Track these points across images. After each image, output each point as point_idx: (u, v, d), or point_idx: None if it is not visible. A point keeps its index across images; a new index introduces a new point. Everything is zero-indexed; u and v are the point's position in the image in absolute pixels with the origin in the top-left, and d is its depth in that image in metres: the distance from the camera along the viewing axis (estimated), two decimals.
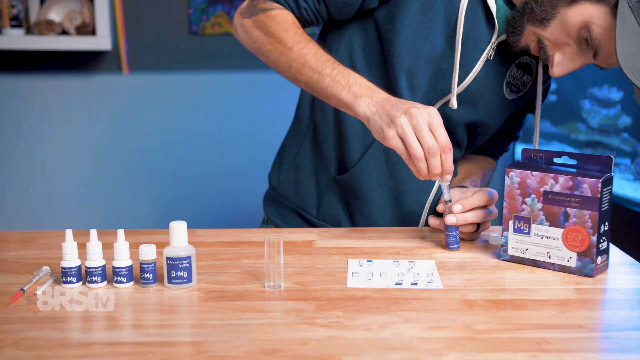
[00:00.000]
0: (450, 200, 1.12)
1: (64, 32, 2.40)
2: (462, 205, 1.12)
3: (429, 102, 1.24)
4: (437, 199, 1.30)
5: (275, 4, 1.24)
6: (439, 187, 1.29)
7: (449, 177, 1.06)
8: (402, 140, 1.04)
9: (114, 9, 2.46)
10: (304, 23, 1.27)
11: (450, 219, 1.11)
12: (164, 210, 2.62)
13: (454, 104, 1.21)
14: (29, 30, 2.41)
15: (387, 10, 1.21)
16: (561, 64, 1.13)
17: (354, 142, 1.27)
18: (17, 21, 2.36)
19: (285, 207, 1.38)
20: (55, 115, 2.54)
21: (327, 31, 1.32)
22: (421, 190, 1.29)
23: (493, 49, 1.21)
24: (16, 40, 2.33)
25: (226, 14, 2.54)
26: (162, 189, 2.63)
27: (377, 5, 1.22)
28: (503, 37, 1.20)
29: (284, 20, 1.22)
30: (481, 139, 1.35)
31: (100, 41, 2.36)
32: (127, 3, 2.49)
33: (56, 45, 2.34)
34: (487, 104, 1.26)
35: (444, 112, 1.25)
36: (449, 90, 1.22)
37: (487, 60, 1.22)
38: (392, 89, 1.22)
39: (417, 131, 1.03)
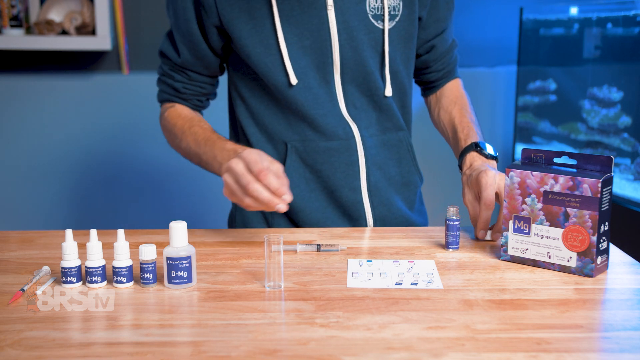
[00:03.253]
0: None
1: (64, 32, 2.40)
2: (484, 231, 1.17)
3: (325, 81, 1.25)
4: (372, 181, 1.30)
5: (170, 103, 1.35)
6: (367, 171, 1.30)
7: (287, 198, 1.06)
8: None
9: (114, 9, 2.46)
10: (201, 101, 1.36)
11: (481, 234, 1.17)
12: (164, 210, 2.61)
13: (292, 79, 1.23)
14: (29, 30, 2.41)
15: (231, 36, 1.25)
16: None
17: None
18: (17, 21, 2.36)
19: None
20: (56, 115, 2.54)
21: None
22: (350, 177, 1.30)
23: None
24: (16, 40, 2.33)
25: None
26: (162, 189, 2.62)
27: (224, 42, 1.28)
28: None
29: (172, 116, 1.33)
30: (408, 74, 1.34)
31: (100, 41, 2.35)
32: (127, 3, 2.49)
33: (56, 45, 2.34)
34: (369, 44, 1.26)
35: (355, 77, 1.26)
36: (329, 59, 1.24)
37: (336, 10, 1.22)
38: (285, 96, 1.25)
39: (235, 196, 1.07)
